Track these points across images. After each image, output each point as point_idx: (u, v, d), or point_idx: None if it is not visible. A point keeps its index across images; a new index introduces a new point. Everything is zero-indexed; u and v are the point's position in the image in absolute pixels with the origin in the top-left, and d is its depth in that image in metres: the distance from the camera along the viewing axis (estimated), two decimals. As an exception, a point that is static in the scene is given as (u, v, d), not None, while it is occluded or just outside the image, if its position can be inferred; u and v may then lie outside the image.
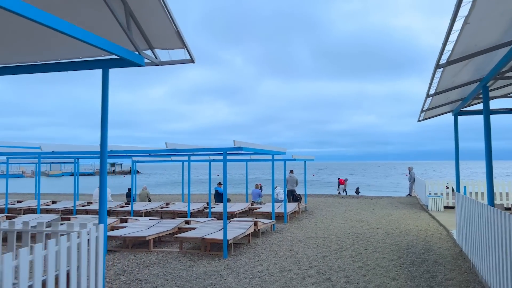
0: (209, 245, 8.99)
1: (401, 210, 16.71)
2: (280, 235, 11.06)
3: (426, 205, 17.38)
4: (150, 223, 10.72)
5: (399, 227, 12.26)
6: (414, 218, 14.34)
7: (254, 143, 9.16)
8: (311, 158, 17.88)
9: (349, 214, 15.49)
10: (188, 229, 10.39)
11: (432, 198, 16.49)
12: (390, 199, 21.86)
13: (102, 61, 4.74)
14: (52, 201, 19.11)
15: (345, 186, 30.73)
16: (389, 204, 19.46)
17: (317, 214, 15.70)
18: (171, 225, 10.48)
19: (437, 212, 15.57)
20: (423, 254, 8.50)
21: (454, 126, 9.05)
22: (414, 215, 15.07)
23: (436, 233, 11.14)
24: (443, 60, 4.09)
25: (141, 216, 15.59)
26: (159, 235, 9.65)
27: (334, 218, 14.40)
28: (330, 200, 21.77)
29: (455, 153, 9.17)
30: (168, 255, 8.82)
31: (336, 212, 16.18)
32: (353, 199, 22.26)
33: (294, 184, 18.44)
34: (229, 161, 15.34)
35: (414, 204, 19.17)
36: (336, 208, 17.78)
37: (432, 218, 14.22)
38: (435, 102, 7.37)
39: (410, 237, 10.43)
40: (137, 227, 10.37)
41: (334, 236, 10.80)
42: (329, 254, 8.58)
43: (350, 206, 18.50)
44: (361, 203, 20.19)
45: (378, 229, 11.82)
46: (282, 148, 12.52)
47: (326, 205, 19.41)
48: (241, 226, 9.97)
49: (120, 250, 9.33)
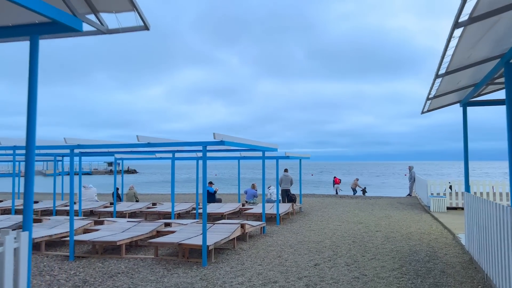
0: (187, 251, 8.00)
1: (402, 211, 15.74)
2: (269, 239, 10.08)
3: (428, 206, 16.41)
4: (126, 226, 9.73)
5: (399, 230, 11.28)
6: (416, 220, 13.37)
7: (239, 137, 8.18)
8: (307, 156, 16.90)
9: (346, 216, 14.51)
10: (167, 233, 9.40)
11: (434, 199, 15.53)
12: (389, 200, 20.89)
13: (30, 27, 3.76)
14: (34, 201, 18.07)
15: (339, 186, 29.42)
16: (389, 204, 18.49)
17: (312, 216, 14.72)
18: (148, 228, 9.49)
19: (440, 214, 14.60)
20: (428, 262, 7.52)
21: (462, 119, 8.06)
22: (416, 217, 14.10)
23: (440, 237, 10.16)
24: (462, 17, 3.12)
25: (125, 217, 14.61)
26: (133, 239, 8.66)
27: (330, 220, 13.42)
28: (327, 201, 20.79)
29: (464, 149, 8.18)
30: (141, 262, 7.83)
31: (332, 213, 15.21)
32: (351, 199, 21.29)
33: (288, 183, 17.46)
34: (216, 158, 14.34)
35: (415, 205, 18.20)
36: (333, 209, 16.80)
37: (435, 220, 13.25)
38: (443, 89, 6.40)
39: (413, 242, 9.45)
40: (111, 230, 9.38)
41: (329, 240, 9.81)
42: (321, 262, 7.59)
43: (347, 207, 17.53)
44: (359, 203, 19.21)
45: (377, 232, 10.84)
46: (273, 144, 11.54)
47: (323, 205, 18.43)
48: (225, 230, 8.99)
49: (89, 257, 8.34)
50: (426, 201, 16.76)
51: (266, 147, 11.13)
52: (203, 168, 7.59)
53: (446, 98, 7.66)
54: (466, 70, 5.25)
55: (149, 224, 9.76)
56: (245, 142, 8.57)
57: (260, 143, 10.43)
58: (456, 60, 4.45)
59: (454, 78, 5.51)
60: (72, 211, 8.18)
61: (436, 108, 8.75)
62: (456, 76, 5.39)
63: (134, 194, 18.46)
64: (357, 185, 27.97)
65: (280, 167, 16.17)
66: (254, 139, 10.35)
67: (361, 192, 27.54)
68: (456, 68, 4.86)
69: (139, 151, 12.91)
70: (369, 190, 38.43)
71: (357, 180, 28.87)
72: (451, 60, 4.48)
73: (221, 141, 7.39)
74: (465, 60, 4.61)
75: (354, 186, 28.07)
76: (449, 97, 7.59)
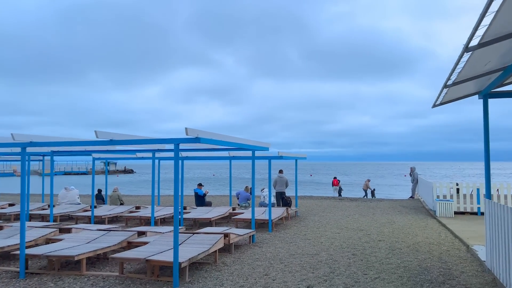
0: (158, 268, 6.78)
1: (405, 216, 14.53)
2: (258, 250, 8.86)
3: (433, 210, 15.20)
4: (93, 236, 8.49)
5: (405, 239, 10.07)
6: (422, 226, 12.16)
7: (219, 134, 6.95)
8: (303, 156, 15.67)
9: (345, 221, 13.29)
10: (139, 244, 8.17)
11: (441, 203, 14.30)
12: (391, 202, 19.68)
13: None
14: (9, 204, 16.87)
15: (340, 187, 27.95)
16: (391, 208, 17.28)
17: (308, 221, 13.50)
18: (118, 238, 8.26)
19: (447, 219, 13.38)
20: (443, 283, 6.29)
21: (483, 113, 6.83)
22: (421, 223, 12.89)
23: (452, 248, 8.94)
24: None
25: (104, 222, 13.39)
26: (97, 252, 7.43)
27: (328, 226, 12.20)
28: (325, 203, 19.57)
29: (485, 149, 6.95)
30: (102, 281, 6.59)
31: (331, 218, 13.99)
32: (351, 202, 20.07)
33: (283, 185, 16.25)
34: (201, 159, 13.09)
35: (419, 209, 16.99)
36: (331, 213, 15.58)
37: (443, 227, 12.04)
38: (464, 74, 5.18)
39: (422, 255, 8.23)
40: (75, 241, 8.15)
41: (325, 252, 8.58)
42: (315, 283, 6.36)
43: (347, 211, 16.31)
44: (360, 207, 18.00)
45: (380, 242, 9.62)
46: (263, 143, 10.32)
47: (320, 209, 17.21)
48: (206, 241, 7.76)
49: (43, 273, 7.11)
50: (432, 205, 15.55)
51: (255, 145, 9.91)
52: (175, 169, 6.36)
53: (463, 88, 6.45)
54: (500, 46, 4.05)
55: (119, 234, 8.53)
56: (227, 140, 7.34)
57: (248, 141, 9.21)
58: (495, 28, 3.25)
59: (484, 56, 4.31)
60: (23, 218, 6.96)
61: (450, 101, 7.54)
62: (488, 53, 4.18)
63: (118, 197, 17.24)
64: (368, 186, 26.39)
65: (274, 168, 14.97)
66: (245, 138, 9.14)
67: (370, 194, 26.01)
68: (495, 37, 3.65)
69: (117, 150, 11.70)
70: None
71: (368, 181, 27.06)
72: (488, 29, 3.29)
73: (196, 138, 6.16)
74: (507, 23, 3.39)
75: (366, 188, 26.38)
76: (467, 86, 6.37)
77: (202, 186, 16.78)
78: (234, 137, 7.91)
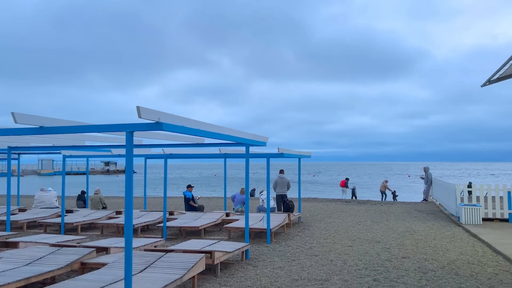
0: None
1: (425, 223, 12.59)
2: (251, 272, 6.93)
3: (456, 216, 13.26)
4: (38, 254, 6.56)
5: (435, 255, 8.13)
6: (448, 237, 10.22)
7: (194, 120, 5.03)
8: (307, 154, 13.76)
9: (356, 229, 11.36)
10: (96, 266, 6.26)
11: (467, 208, 12.36)
12: (404, 206, 17.73)
13: None
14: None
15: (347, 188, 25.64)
16: (405, 212, 15.34)
17: (313, 229, 11.58)
18: (68, 258, 6.33)
19: (475, 228, 11.44)
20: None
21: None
22: (446, 232, 10.96)
23: (500, 270, 6.99)
24: None
25: (75, 230, 11.51)
26: (30, 281, 5.51)
27: (337, 237, 10.28)
28: (331, 207, 17.64)
29: None
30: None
31: (339, 226, 12.06)
32: (359, 206, 18.13)
33: (285, 187, 14.30)
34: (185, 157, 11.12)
35: (437, 214, 15.05)
36: (339, 219, 13.65)
37: (475, 238, 10.10)
38: None
39: (465, 282, 6.28)
40: (12, 262, 6.24)
41: (338, 276, 6.64)
42: (330, 333, 4.44)
43: (356, 216, 14.38)
44: (370, 211, 16.06)
45: (405, 261, 7.69)
46: (260, 137, 8.40)
47: (327, 213, 15.29)
48: (180, 264, 5.84)
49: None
50: (454, 210, 13.60)
51: (249, 139, 7.98)
52: (127, 166, 4.44)
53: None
54: None
55: (72, 252, 6.60)
56: (208, 129, 5.40)
57: (239, 133, 7.28)
58: None
59: None
60: None
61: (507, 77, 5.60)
62: None
63: (99, 200, 15.32)
64: (386, 187, 24.00)
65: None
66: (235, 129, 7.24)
67: (392, 197, 23.55)
68: None
69: (89, 146, 9.81)
70: (374, 192, 35.20)
71: (386, 182, 24.64)
72: None
73: (157, 123, 4.25)
74: None
75: (384, 189, 23.95)
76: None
77: (192, 187, 14.88)
78: (218, 126, 5.99)
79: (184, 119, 4.75)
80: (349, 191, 24.69)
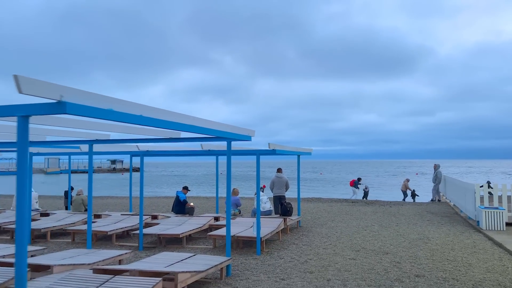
0: None
1: (440, 228, 11.14)
2: (229, 296, 5.59)
3: (474, 220, 11.78)
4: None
5: (455, 272, 6.71)
6: (469, 246, 8.77)
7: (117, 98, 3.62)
8: (308, 150, 12.35)
9: (362, 236, 9.95)
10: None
11: (488, 211, 10.89)
12: (416, 207, 16.26)
13: None
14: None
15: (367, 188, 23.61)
16: (417, 215, 13.88)
17: (313, 235, 10.21)
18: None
19: (499, 234, 9.98)
20: None
21: None
22: (465, 240, 9.51)
23: (540, 295, 5.57)
24: None
25: (44, 237, 10.27)
26: None
27: (339, 246, 8.88)
28: (335, 208, 16.24)
29: None
30: None
31: (343, 231, 10.66)
32: (367, 207, 16.69)
33: (283, 187, 12.91)
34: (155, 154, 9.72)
35: (452, 217, 13.58)
36: (343, 223, 12.25)
37: (500, 248, 8.64)
38: None
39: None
40: None
41: (335, 305, 5.26)
42: None
43: (363, 219, 12.96)
44: (378, 213, 14.63)
45: (419, 280, 6.28)
46: (245, 130, 7.02)
47: (330, 216, 13.90)
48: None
49: None
50: (473, 213, 12.12)
51: (231, 133, 6.61)
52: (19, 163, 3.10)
53: None
54: None
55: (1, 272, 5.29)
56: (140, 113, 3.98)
57: (217, 125, 5.90)
58: None
59: None
60: None
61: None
62: None
63: (82, 201, 14.06)
64: (407, 187, 22.41)
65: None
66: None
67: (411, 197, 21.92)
68: None
69: (52, 142, 8.51)
70: (384, 192, 33.59)
71: (407, 181, 23.01)
72: None
73: (58, 102, 2.89)
74: None
75: (405, 189, 22.33)
76: None
77: (187, 190, 13.55)
78: (178, 114, 4.62)
79: (113, 100, 3.39)
80: (360, 192, 23.10)
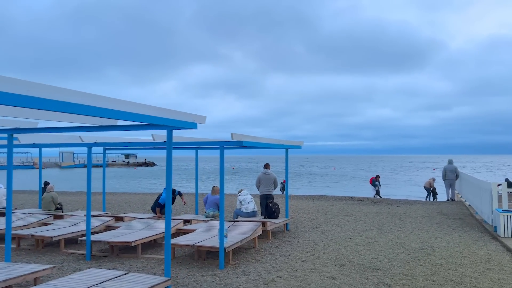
0: None
1: (449, 235, 9.49)
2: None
3: (491, 225, 10.08)
4: None
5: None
6: (482, 260, 7.13)
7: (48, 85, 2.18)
8: (298, 144, 10.78)
9: (354, 244, 8.37)
10: None
11: (507, 215, 9.19)
12: (426, 207, 14.58)
13: None
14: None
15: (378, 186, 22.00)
16: (426, 217, 12.23)
17: (297, 243, 8.68)
18: None
19: (520, 244, 8.29)
20: None
21: None
22: (478, 251, 7.85)
23: None
24: None
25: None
26: None
27: (322, 257, 7.33)
28: (335, 208, 14.66)
29: None
30: None
31: (334, 238, 9.10)
32: (371, 206, 15.07)
33: (271, 185, 11.38)
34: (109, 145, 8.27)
35: (466, 219, 11.89)
36: (338, 226, 10.70)
37: (522, 264, 6.98)
38: None
39: None
40: None
41: None
42: None
43: (362, 222, 11.38)
44: (381, 214, 13.01)
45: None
46: (191, 116, 5.51)
47: (327, 217, 12.35)
48: None
49: None
50: (489, 217, 10.41)
51: (172, 119, 5.12)
52: None
53: None
54: None
55: None
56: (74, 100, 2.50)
57: (149, 110, 4.41)
58: None
59: None
60: None
61: None
62: None
63: (52, 199, 12.77)
64: (432, 185, 20.70)
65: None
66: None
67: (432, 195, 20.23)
68: None
69: None
70: (395, 189, 31.76)
71: (433, 180, 21.29)
72: None
73: None
74: None
75: (429, 186, 20.77)
76: None
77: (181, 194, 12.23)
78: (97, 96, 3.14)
79: (32, 84, 1.95)
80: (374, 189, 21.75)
